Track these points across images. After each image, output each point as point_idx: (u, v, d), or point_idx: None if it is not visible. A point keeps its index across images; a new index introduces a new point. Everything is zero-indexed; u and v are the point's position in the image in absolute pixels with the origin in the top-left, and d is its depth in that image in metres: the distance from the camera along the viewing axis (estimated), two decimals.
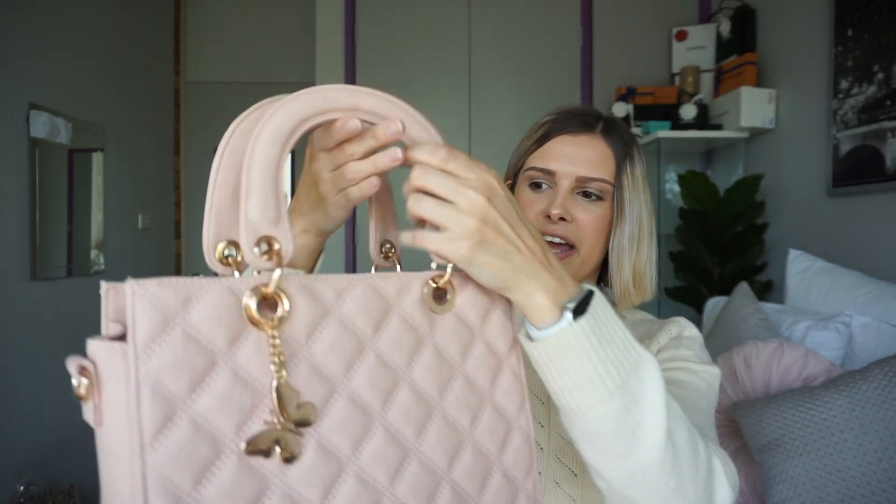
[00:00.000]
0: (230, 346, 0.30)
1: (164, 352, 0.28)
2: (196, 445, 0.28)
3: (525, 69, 2.59)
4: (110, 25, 2.56)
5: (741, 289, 1.63)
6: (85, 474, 2.32)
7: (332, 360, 0.34)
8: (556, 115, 0.72)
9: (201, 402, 0.29)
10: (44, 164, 2.09)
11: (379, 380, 0.36)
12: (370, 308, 0.36)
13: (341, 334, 0.35)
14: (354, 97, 0.40)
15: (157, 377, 0.28)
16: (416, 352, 0.39)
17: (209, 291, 0.30)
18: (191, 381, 0.29)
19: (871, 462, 1.04)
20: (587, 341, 0.41)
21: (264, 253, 0.33)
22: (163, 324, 0.28)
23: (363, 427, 0.35)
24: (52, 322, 2.16)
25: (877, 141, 1.58)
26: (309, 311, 0.34)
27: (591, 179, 0.67)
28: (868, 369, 1.13)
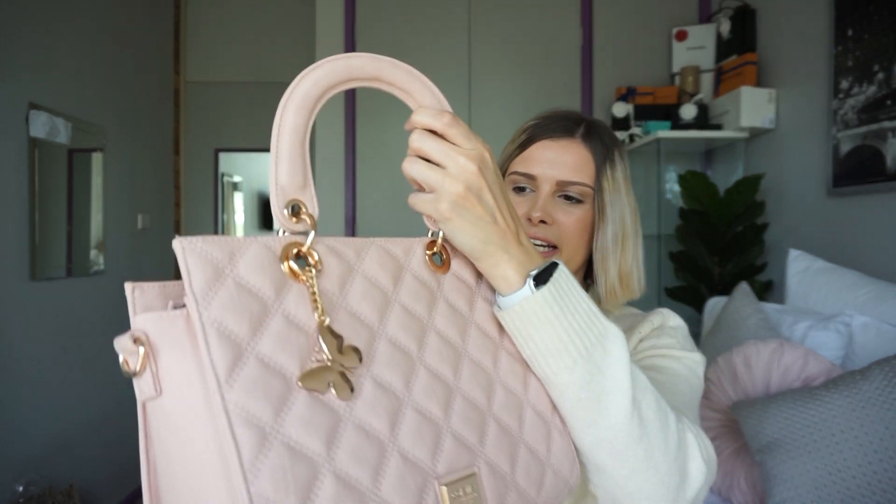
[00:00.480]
0: (277, 295, 0.33)
1: (222, 298, 0.30)
2: (268, 381, 0.30)
3: (525, 69, 2.59)
4: (110, 25, 2.56)
5: (741, 289, 1.63)
6: (85, 474, 2.32)
7: (367, 308, 0.37)
8: (538, 120, 0.74)
9: (264, 343, 0.31)
10: (43, 164, 2.09)
11: (409, 326, 0.39)
12: (386, 266, 0.40)
13: (368, 287, 0.38)
14: (377, 67, 0.45)
15: (221, 320, 0.30)
16: (433, 304, 0.42)
17: (251, 247, 0.33)
18: (251, 323, 0.31)
19: (871, 462, 1.04)
20: (549, 309, 0.44)
21: (293, 215, 0.36)
22: (215, 274, 0.31)
23: (408, 366, 0.38)
24: (51, 322, 2.16)
25: (877, 141, 1.58)
26: (337, 267, 0.37)
27: (571, 183, 0.69)
28: (868, 369, 1.13)
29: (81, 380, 2.33)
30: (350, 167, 2.59)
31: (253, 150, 3.51)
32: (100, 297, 2.48)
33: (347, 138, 2.58)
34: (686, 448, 0.49)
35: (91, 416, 2.39)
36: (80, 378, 2.33)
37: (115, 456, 2.56)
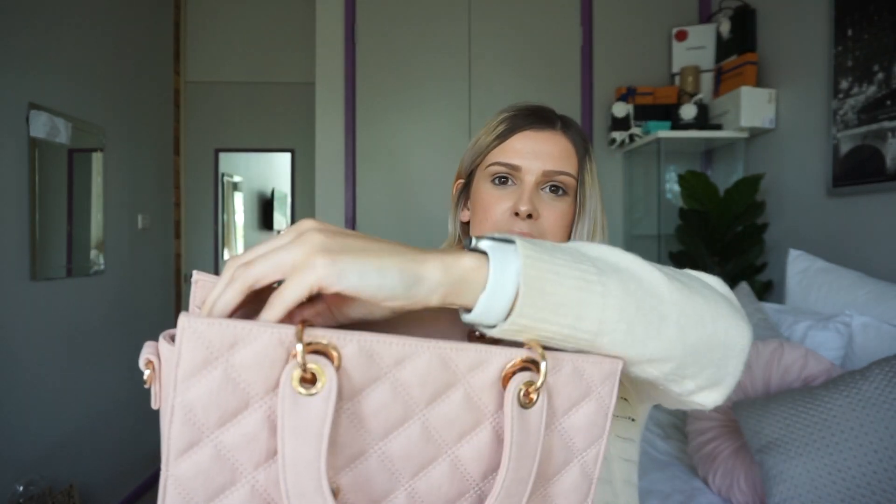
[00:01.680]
0: (266, 393, 0.30)
1: (202, 387, 0.29)
2: (214, 472, 0.30)
3: (525, 69, 2.59)
4: (110, 25, 2.56)
5: (741, 289, 1.63)
6: (85, 474, 2.32)
7: (375, 419, 0.32)
8: (513, 112, 0.72)
9: (228, 435, 0.30)
10: (44, 164, 2.09)
11: (416, 449, 0.33)
12: (431, 380, 0.33)
13: (390, 400, 0.32)
14: None
15: (191, 407, 0.29)
16: (470, 431, 0.34)
17: (258, 339, 0.30)
18: (221, 416, 0.30)
19: (871, 462, 1.04)
20: (537, 261, 0.35)
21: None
22: (205, 362, 0.29)
23: (387, 489, 0.33)
24: (51, 322, 2.16)
25: (877, 141, 1.58)
26: (362, 372, 0.31)
27: (558, 173, 0.68)
28: (868, 369, 1.13)
29: (81, 380, 2.33)
30: (350, 167, 2.59)
31: (253, 150, 3.51)
32: (100, 297, 2.48)
33: (347, 138, 2.58)
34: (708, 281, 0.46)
35: (91, 416, 2.39)
36: (80, 378, 2.33)
37: (115, 456, 2.56)
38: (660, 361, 0.39)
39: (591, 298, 0.35)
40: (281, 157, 3.81)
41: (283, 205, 5.07)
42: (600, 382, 0.36)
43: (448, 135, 2.60)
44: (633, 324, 0.37)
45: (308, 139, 3.17)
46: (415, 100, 2.59)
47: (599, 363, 0.36)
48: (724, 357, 0.42)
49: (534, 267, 0.34)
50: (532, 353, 0.34)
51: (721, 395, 0.44)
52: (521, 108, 0.73)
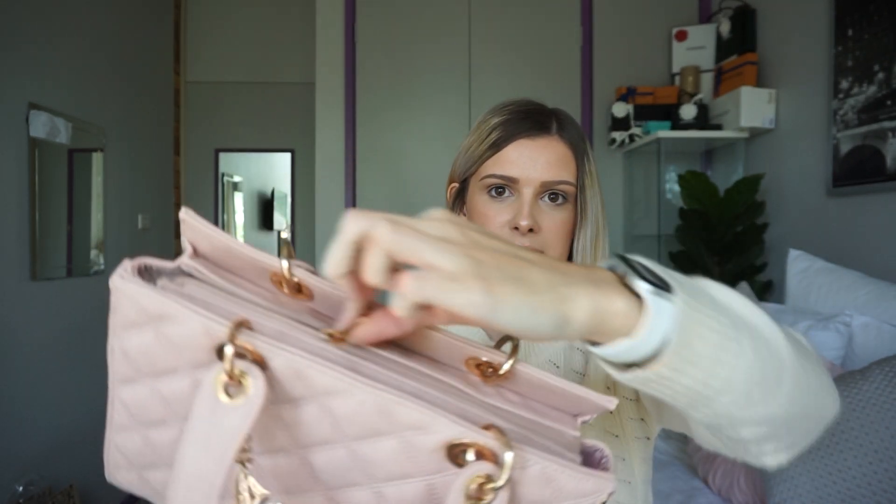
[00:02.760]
0: (194, 368, 0.30)
1: (135, 340, 0.31)
2: (151, 406, 0.32)
3: (525, 69, 2.59)
4: (110, 25, 2.56)
5: (741, 289, 1.63)
6: (85, 474, 2.32)
7: (299, 430, 0.30)
8: (506, 116, 0.68)
9: (161, 385, 0.31)
10: (44, 164, 2.09)
11: (339, 471, 0.30)
12: (361, 420, 0.28)
13: (317, 420, 0.29)
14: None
15: (128, 352, 0.31)
16: (400, 479, 0.30)
17: (185, 323, 0.28)
18: (154, 370, 0.31)
19: (871, 462, 1.04)
20: (692, 311, 0.31)
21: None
22: (137, 322, 0.30)
23: (302, 488, 0.31)
24: (52, 322, 2.16)
25: (877, 141, 1.58)
26: (291, 386, 0.28)
27: (556, 182, 0.65)
28: (868, 369, 1.13)
29: (81, 380, 2.33)
30: (350, 167, 2.59)
31: (253, 150, 3.51)
32: (100, 297, 2.48)
33: (347, 138, 2.58)
34: (804, 341, 0.43)
35: (91, 416, 2.39)
36: (81, 378, 2.32)
37: None
38: (758, 425, 0.37)
39: (725, 357, 0.32)
40: (281, 157, 3.81)
41: (283, 205, 5.07)
42: (575, 499, 0.29)
43: (448, 135, 2.60)
44: (753, 387, 0.34)
45: (308, 139, 3.17)
46: (415, 100, 2.59)
47: (578, 479, 0.28)
48: (815, 427, 0.40)
49: (690, 318, 0.31)
50: (492, 441, 0.27)
51: (790, 457, 0.41)
52: (512, 111, 0.69)
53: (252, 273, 0.33)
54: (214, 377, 0.27)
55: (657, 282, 0.32)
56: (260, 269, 0.32)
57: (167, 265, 0.34)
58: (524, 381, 0.32)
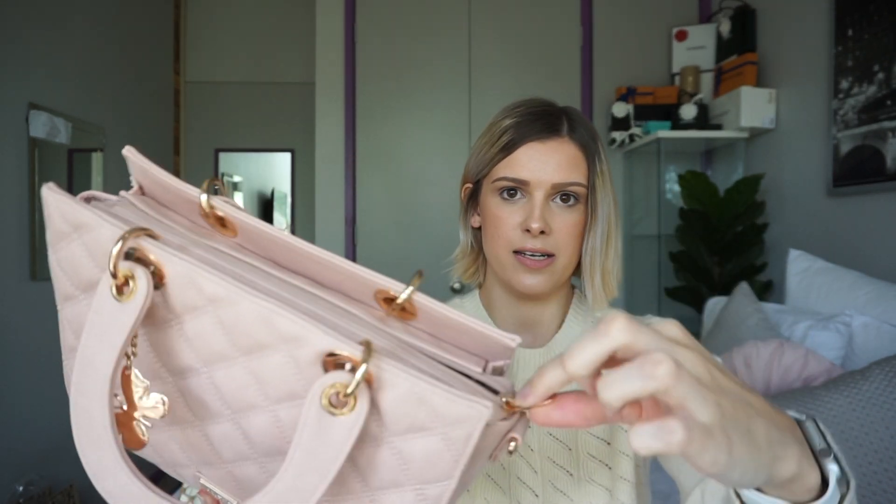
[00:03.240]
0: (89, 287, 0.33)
1: (64, 253, 0.33)
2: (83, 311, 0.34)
3: (525, 69, 2.59)
4: (110, 25, 2.56)
5: (741, 289, 1.63)
6: (85, 474, 2.31)
7: (198, 344, 0.31)
8: (518, 118, 0.69)
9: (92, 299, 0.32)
10: (44, 164, 2.09)
11: (238, 391, 0.31)
12: (247, 332, 0.29)
13: (210, 333, 0.30)
14: None
15: (61, 265, 0.34)
16: (288, 400, 0.30)
17: (99, 230, 0.31)
18: (82, 284, 0.33)
19: (871, 462, 1.04)
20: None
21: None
22: (63, 234, 0.33)
23: (211, 413, 0.32)
24: (52, 322, 2.15)
25: (877, 141, 1.58)
26: (185, 296, 0.30)
27: (567, 184, 0.66)
28: (868, 369, 1.13)
29: None
30: (350, 167, 2.59)
31: (253, 150, 3.51)
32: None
33: (347, 138, 2.58)
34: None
35: None
36: None
37: None
38: None
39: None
40: (281, 157, 3.81)
41: (283, 205, 5.07)
42: (450, 424, 0.28)
43: (448, 134, 2.60)
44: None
45: (308, 139, 3.17)
46: (415, 99, 2.59)
47: (450, 401, 0.27)
48: None
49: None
50: (358, 352, 0.27)
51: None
52: (525, 112, 0.69)
53: (187, 208, 0.35)
54: (108, 277, 0.29)
55: (841, 471, 0.32)
56: (192, 204, 0.34)
57: (111, 197, 0.36)
58: (430, 317, 0.32)
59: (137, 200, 0.36)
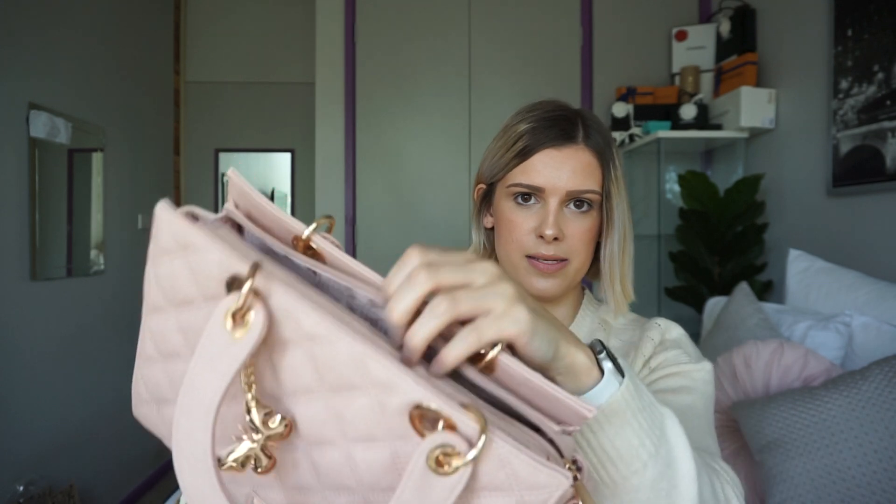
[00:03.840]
0: (206, 300, 0.32)
1: (166, 268, 0.33)
2: (172, 335, 0.34)
3: (525, 69, 2.59)
4: (110, 25, 2.56)
5: (741, 289, 1.63)
6: (85, 474, 2.32)
7: (284, 376, 0.32)
8: (534, 123, 0.69)
9: (183, 316, 0.33)
10: (44, 164, 2.09)
11: (316, 425, 0.32)
12: (338, 371, 0.30)
13: (300, 365, 0.31)
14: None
15: (159, 280, 0.34)
16: (367, 441, 0.31)
17: (207, 253, 0.31)
18: (179, 299, 0.33)
19: (871, 462, 1.04)
20: (629, 406, 0.39)
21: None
22: (168, 250, 0.33)
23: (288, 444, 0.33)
24: (51, 322, 2.16)
25: (877, 141, 1.58)
26: (283, 328, 0.31)
27: (581, 192, 0.66)
28: (868, 369, 1.13)
29: (81, 379, 2.33)
30: (350, 167, 2.59)
31: (253, 150, 3.51)
32: (100, 297, 2.48)
33: (347, 138, 2.58)
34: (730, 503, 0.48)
35: (91, 416, 2.39)
36: (80, 378, 2.33)
37: (115, 456, 2.56)
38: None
39: (631, 461, 0.40)
40: (281, 157, 3.82)
41: (283, 205, 5.06)
42: (528, 488, 0.29)
43: (448, 134, 2.60)
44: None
45: (308, 139, 3.17)
46: (415, 100, 2.59)
47: (533, 468, 0.29)
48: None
49: (623, 411, 0.39)
50: (465, 417, 0.28)
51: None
52: (541, 117, 0.69)
53: (280, 234, 0.36)
54: (226, 306, 0.29)
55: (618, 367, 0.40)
56: (286, 231, 0.36)
57: (211, 215, 0.36)
58: (507, 374, 0.33)
59: (242, 218, 0.37)
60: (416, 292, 0.31)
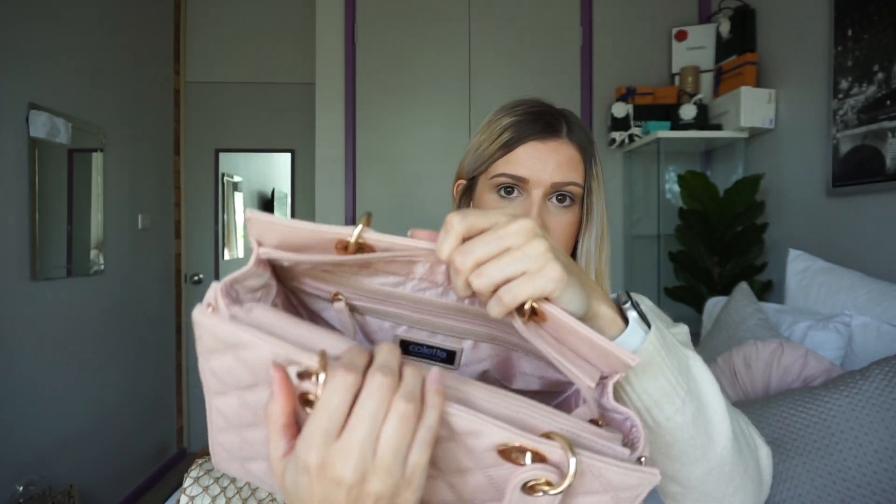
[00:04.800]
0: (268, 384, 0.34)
1: (219, 363, 0.35)
2: (241, 412, 0.36)
3: (525, 69, 2.59)
4: (110, 25, 2.56)
5: (741, 289, 1.63)
6: (85, 474, 2.32)
7: None
8: (518, 117, 0.69)
9: (247, 395, 0.35)
10: (43, 164, 2.09)
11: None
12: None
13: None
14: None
15: (215, 372, 0.35)
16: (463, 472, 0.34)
17: (257, 349, 0.32)
18: (239, 384, 0.35)
19: (871, 462, 1.04)
20: (659, 353, 0.41)
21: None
22: (216, 349, 0.34)
23: None
24: (51, 322, 2.16)
25: (877, 141, 1.58)
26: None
27: (565, 184, 0.67)
28: (868, 369, 1.13)
29: (81, 380, 2.33)
30: (350, 167, 2.59)
31: (253, 150, 3.51)
32: (100, 297, 2.48)
33: (347, 138, 2.58)
34: (754, 441, 0.51)
35: (91, 416, 2.39)
36: (80, 378, 2.32)
37: (115, 456, 2.56)
38: (673, 481, 0.47)
39: (667, 406, 0.42)
40: (281, 157, 3.82)
41: (283, 205, 5.06)
42: (621, 489, 0.33)
43: (448, 135, 2.60)
44: (678, 444, 0.44)
45: (308, 139, 3.17)
46: (415, 100, 2.59)
47: (625, 474, 0.32)
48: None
49: (654, 356, 0.41)
50: (552, 448, 0.31)
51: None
52: (526, 112, 0.70)
53: (321, 246, 0.38)
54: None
55: (643, 318, 0.43)
56: (327, 241, 0.37)
57: (247, 277, 0.38)
58: (557, 324, 0.36)
59: (273, 253, 0.38)
60: (450, 237, 0.36)
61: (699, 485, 0.46)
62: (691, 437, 0.44)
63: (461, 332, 0.44)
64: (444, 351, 0.45)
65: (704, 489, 0.46)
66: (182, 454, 3.30)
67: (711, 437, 0.45)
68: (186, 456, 3.33)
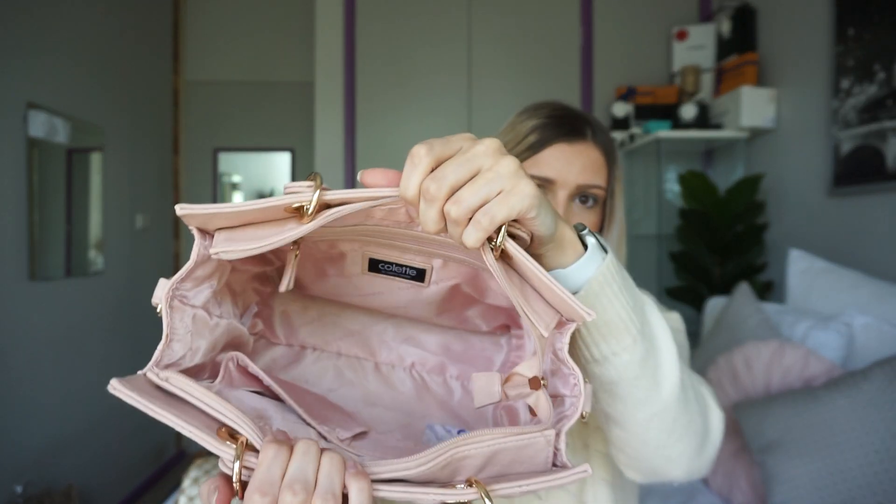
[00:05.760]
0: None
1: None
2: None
3: (525, 69, 2.59)
4: (109, 25, 2.55)
5: (741, 289, 1.63)
6: (84, 475, 2.31)
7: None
8: (544, 119, 0.71)
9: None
10: (42, 164, 2.09)
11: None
12: None
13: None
14: None
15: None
16: None
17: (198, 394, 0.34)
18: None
19: (872, 463, 1.04)
20: (615, 281, 0.41)
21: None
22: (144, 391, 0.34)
23: None
24: (51, 322, 2.15)
25: (878, 141, 1.58)
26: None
27: (590, 186, 0.69)
28: (869, 370, 1.12)
29: (81, 380, 2.33)
30: (350, 167, 2.58)
31: (253, 149, 3.51)
32: (99, 297, 2.48)
33: (347, 138, 2.58)
34: (706, 401, 0.51)
35: (91, 416, 2.39)
36: (80, 378, 2.32)
37: (115, 456, 2.55)
38: (615, 425, 0.48)
39: (622, 337, 0.42)
40: (280, 156, 3.81)
41: None
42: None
43: (447, 134, 2.59)
44: (620, 384, 0.44)
45: (308, 139, 3.17)
46: (414, 99, 2.59)
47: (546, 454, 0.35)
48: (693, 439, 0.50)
49: (607, 284, 0.41)
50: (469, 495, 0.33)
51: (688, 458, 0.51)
52: (552, 115, 0.71)
53: (267, 215, 0.36)
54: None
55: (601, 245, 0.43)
56: (275, 210, 0.35)
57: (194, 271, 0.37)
58: (523, 267, 0.36)
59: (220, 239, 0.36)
60: (419, 169, 0.34)
61: (641, 430, 0.46)
62: (636, 378, 0.43)
63: (429, 255, 0.44)
64: (415, 269, 0.45)
65: (645, 436, 0.46)
66: (180, 455, 3.30)
67: (658, 382, 0.44)
68: (185, 457, 3.33)
